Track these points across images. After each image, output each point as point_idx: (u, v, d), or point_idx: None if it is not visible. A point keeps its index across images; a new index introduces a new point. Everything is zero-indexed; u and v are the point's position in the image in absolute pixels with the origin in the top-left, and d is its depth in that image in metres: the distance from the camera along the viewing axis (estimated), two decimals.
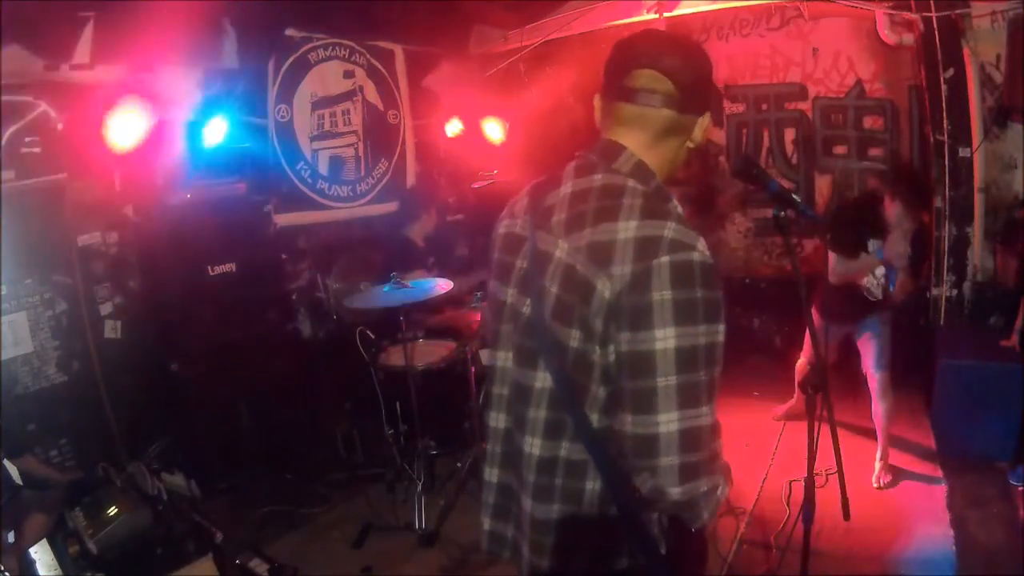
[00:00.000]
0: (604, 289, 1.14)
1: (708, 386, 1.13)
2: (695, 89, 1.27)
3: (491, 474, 1.42)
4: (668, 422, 1.11)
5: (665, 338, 1.10)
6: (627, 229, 1.15)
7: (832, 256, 3.36)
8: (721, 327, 1.14)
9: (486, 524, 1.44)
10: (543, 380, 1.26)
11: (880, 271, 3.40)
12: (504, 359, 1.36)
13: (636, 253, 1.13)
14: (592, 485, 1.24)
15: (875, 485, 3.47)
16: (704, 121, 1.31)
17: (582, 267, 1.17)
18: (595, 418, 1.21)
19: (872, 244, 3.36)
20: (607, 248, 1.15)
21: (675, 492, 1.13)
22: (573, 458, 1.24)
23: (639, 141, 1.28)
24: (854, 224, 3.40)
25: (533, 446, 1.27)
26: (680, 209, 1.25)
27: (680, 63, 1.25)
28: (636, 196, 1.21)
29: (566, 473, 1.25)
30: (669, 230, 1.14)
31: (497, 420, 1.39)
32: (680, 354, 1.10)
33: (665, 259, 1.11)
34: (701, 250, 1.14)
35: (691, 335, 1.10)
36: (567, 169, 1.34)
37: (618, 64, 1.29)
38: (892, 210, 3.28)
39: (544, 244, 1.27)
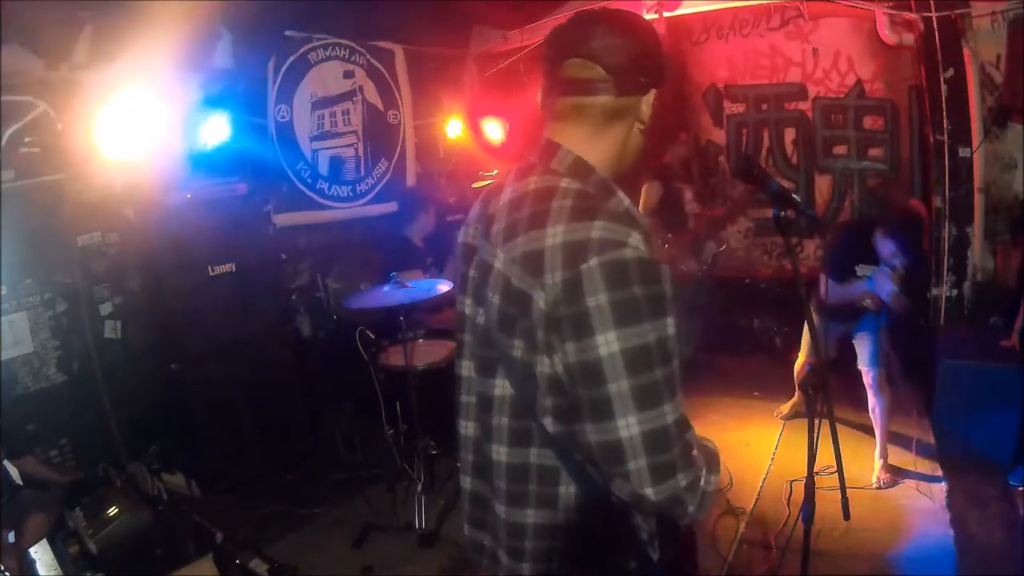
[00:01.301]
0: (540, 300, 1.10)
1: (666, 383, 1.09)
2: (630, 68, 1.20)
3: (465, 482, 1.40)
4: (628, 427, 1.07)
5: (608, 343, 1.06)
6: (555, 235, 1.10)
7: (823, 278, 3.42)
8: (669, 320, 1.10)
9: (466, 531, 1.43)
10: (503, 388, 1.23)
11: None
12: (467, 368, 1.34)
13: (565, 259, 1.08)
14: (566, 489, 1.22)
15: (875, 485, 3.47)
16: (650, 98, 1.24)
17: (517, 279, 1.14)
18: (548, 422, 1.18)
19: (861, 269, 3.36)
20: (537, 257, 1.11)
21: (651, 493, 1.09)
22: (544, 463, 1.22)
23: (580, 134, 1.23)
24: (847, 250, 3.43)
25: (500, 454, 1.25)
26: (626, 203, 1.20)
27: (608, 44, 1.19)
28: (567, 197, 1.15)
29: (539, 479, 1.23)
30: (596, 230, 1.08)
31: (467, 428, 1.36)
32: (627, 356, 1.06)
33: (594, 262, 1.06)
34: (634, 245, 1.08)
35: (636, 335, 1.06)
36: (509, 174, 1.30)
37: (549, 57, 1.26)
38: (885, 247, 3.24)
39: (486, 255, 1.24)
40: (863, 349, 3.56)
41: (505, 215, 1.22)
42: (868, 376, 3.55)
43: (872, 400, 3.56)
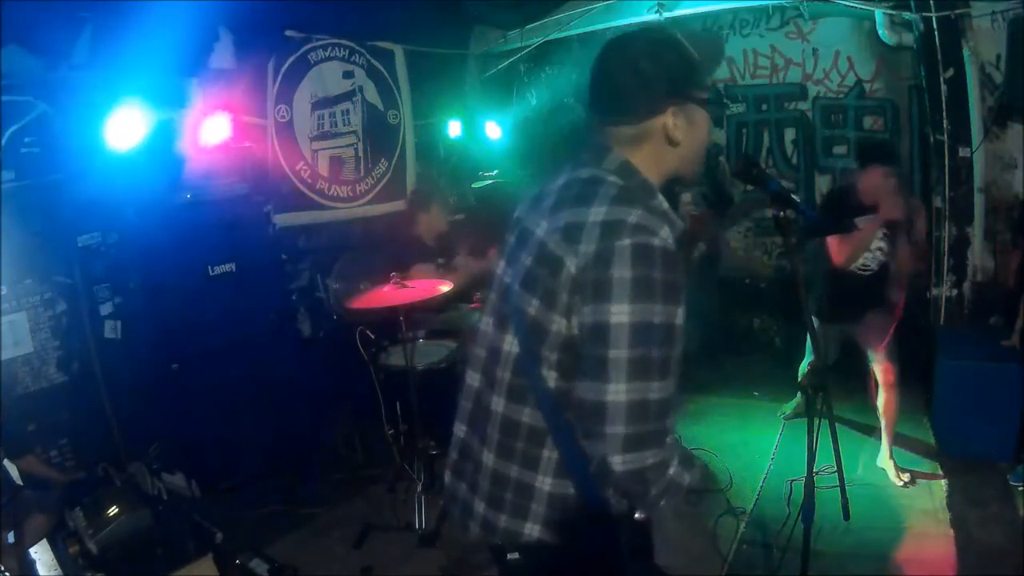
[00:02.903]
0: (571, 265, 1.23)
1: (661, 363, 1.19)
2: (636, 98, 1.31)
3: (459, 429, 1.50)
4: (616, 392, 1.17)
5: (620, 313, 1.17)
6: (598, 213, 1.24)
7: (832, 242, 3.35)
8: (679, 311, 1.21)
9: (447, 478, 1.52)
10: (511, 344, 1.36)
11: (875, 244, 3.36)
12: (486, 323, 1.47)
13: (602, 234, 1.21)
14: (550, 454, 1.31)
15: (898, 484, 3.46)
16: (674, 121, 1.32)
17: (554, 245, 1.27)
18: (552, 377, 1.28)
19: (861, 220, 3.29)
20: (578, 228, 1.25)
21: (618, 460, 1.18)
22: (534, 425, 1.32)
23: (622, 148, 1.36)
24: (839, 206, 3.42)
25: (499, 405, 1.37)
26: (665, 205, 1.31)
27: (616, 79, 1.33)
28: (613, 188, 1.29)
29: (527, 438, 1.33)
30: (634, 216, 1.21)
31: (472, 379, 1.47)
32: (633, 329, 1.17)
33: (627, 241, 1.19)
34: (663, 237, 1.21)
35: (646, 312, 1.17)
36: (566, 165, 1.44)
37: (588, 89, 1.40)
38: (869, 181, 3.27)
39: (531, 224, 1.38)
40: (874, 345, 3.48)
41: (555, 193, 1.38)
42: (881, 371, 3.48)
43: (882, 395, 3.50)
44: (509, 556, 1.37)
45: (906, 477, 3.49)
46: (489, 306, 1.49)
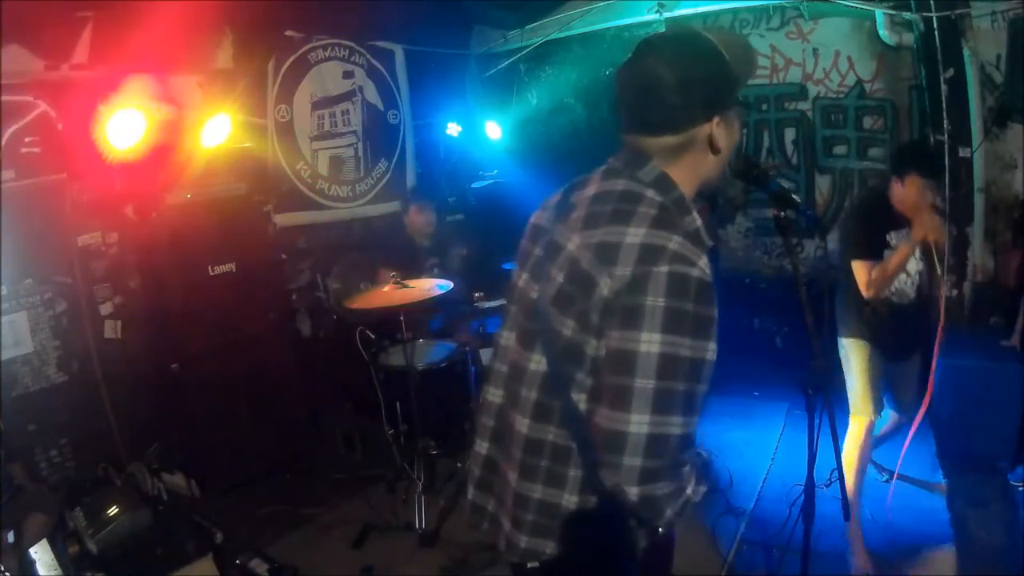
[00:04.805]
0: (604, 287, 1.18)
1: (685, 398, 1.15)
2: (684, 104, 1.24)
3: (480, 446, 1.47)
4: (639, 423, 1.14)
5: (650, 342, 1.13)
6: (636, 235, 1.19)
7: (860, 267, 2.89)
8: (711, 345, 1.17)
9: (470, 494, 1.49)
10: (538, 363, 1.30)
11: (914, 267, 3.02)
12: (507, 338, 1.42)
13: (639, 258, 1.16)
14: (575, 472, 1.28)
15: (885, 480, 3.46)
16: (718, 128, 1.28)
17: (587, 263, 1.22)
18: (582, 399, 1.24)
19: (894, 237, 2.90)
20: (614, 249, 1.19)
21: (633, 492, 1.15)
22: (559, 443, 1.28)
23: (659, 157, 1.30)
24: (871, 223, 2.93)
25: (522, 425, 1.32)
26: (698, 223, 1.26)
27: (661, 84, 1.23)
28: (652, 206, 1.24)
29: (552, 457, 1.29)
30: (674, 243, 1.17)
31: (494, 395, 1.44)
32: (662, 360, 1.13)
33: (664, 268, 1.14)
34: (701, 267, 1.16)
35: (676, 344, 1.13)
36: (597, 171, 1.39)
37: (617, 93, 1.32)
38: (909, 190, 2.82)
39: (560, 237, 1.32)
40: (911, 385, 3.34)
41: (587, 206, 1.31)
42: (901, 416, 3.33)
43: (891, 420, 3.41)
44: (529, 564, 1.35)
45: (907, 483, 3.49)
46: (511, 319, 1.42)
